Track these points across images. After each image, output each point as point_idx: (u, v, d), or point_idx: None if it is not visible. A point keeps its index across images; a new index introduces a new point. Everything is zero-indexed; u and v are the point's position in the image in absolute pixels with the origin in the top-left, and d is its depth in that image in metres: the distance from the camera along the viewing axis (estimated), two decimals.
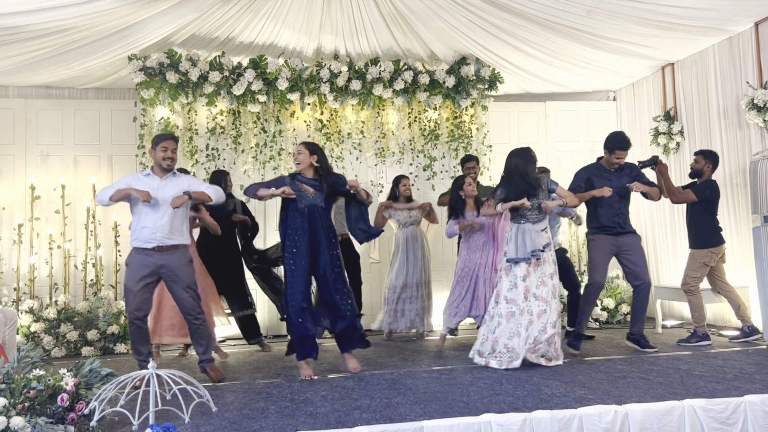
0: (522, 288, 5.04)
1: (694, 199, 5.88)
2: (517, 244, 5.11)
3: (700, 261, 5.92)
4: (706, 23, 6.36)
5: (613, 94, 8.76)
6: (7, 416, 3.09)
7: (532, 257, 5.05)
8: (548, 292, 5.04)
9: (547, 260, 5.12)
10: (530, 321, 4.97)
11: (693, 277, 5.94)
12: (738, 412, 3.55)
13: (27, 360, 3.65)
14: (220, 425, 3.49)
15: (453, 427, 3.29)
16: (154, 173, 4.78)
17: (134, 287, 4.65)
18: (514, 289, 5.06)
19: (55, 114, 7.27)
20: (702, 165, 6.00)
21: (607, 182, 5.55)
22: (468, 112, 7.79)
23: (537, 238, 5.10)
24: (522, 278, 5.05)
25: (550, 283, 5.07)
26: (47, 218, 6.97)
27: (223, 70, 6.97)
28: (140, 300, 4.67)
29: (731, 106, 6.73)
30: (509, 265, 5.13)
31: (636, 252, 5.55)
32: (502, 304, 5.08)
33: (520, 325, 4.97)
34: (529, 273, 5.06)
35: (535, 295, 5.02)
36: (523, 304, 5.01)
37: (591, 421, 3.43)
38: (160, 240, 4.64)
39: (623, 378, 4.43)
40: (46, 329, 6.41)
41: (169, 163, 4.75)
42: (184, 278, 4.74)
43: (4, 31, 5.62)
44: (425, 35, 6.95)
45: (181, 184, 4.76)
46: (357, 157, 7.62)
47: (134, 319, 4.67)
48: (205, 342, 4.84)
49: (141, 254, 4.66)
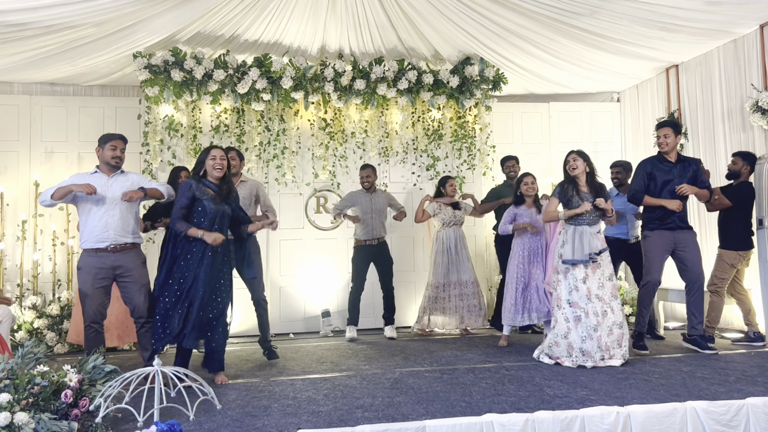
0: (584, 290, 5.07)
1: (729, 204, 5.87)
2: (574, 247, 5.13)
3: (729, 262, 5.91)
4: (712, 25, 6.36)
5: (617, 96, 8.76)
6: (11, 412, 3.10)
7: (590, 260, 5.06)
8: (608, 294, 5.07)
9: (604, 262, 5.14)
10: (597, 322, 4.99)
11: (721, 278, 5.93)
12: (740, 415, 3.55)
13: (31, 356, 3.67)
14: (223, 423, 3.50)
15: (455, 426, 3.30)
16: (101, 171, 4.77)
17: (90, 291, 4.58)
18: (575, 292, 5.09)
19: (59, 111, 7.29)
20: (740, 166, 5.98)
21: (667, 174, 5.50)
22: (472, 113, 7.79)
23: (593, 240, 5.12)
24: (582, 280, 5.09)
25: (608, 285, 5.10)
26: (51, 215, 6.98)
27: (227, 69, 6.97)
28: (98, 304, 4.63)
29: (735, 109, 6.73)
30: (567, 267, 5.15)
31: (692, 249, 5.47)
32: (567, 308, 5.09)
33: (590, 327, 5.00)
34: (588, 275, 5.09)
35: (597, 296, 5.04)
36: (587, 306, 5.03)
37: (593, 422, 3.43)
38: (113, 239, 4.60)
39: (625, 379, 4.43)
40: (49, 325, 6.43)
41: (117, 161, 4.75)
42: (139, 279, 4.71)
43: (10, 28, 5.64)
44: (430, 35, 6.95)
45: (129, 182, 4.76)
46: (360, 156, 7.63)
47: (92, 322, 4.62)
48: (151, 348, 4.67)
49: (93, 256, 4.61)
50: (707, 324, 5.88)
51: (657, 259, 5.50)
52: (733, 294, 6.09)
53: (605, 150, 8.40)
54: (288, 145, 7.37)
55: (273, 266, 7.23)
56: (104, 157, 4.73)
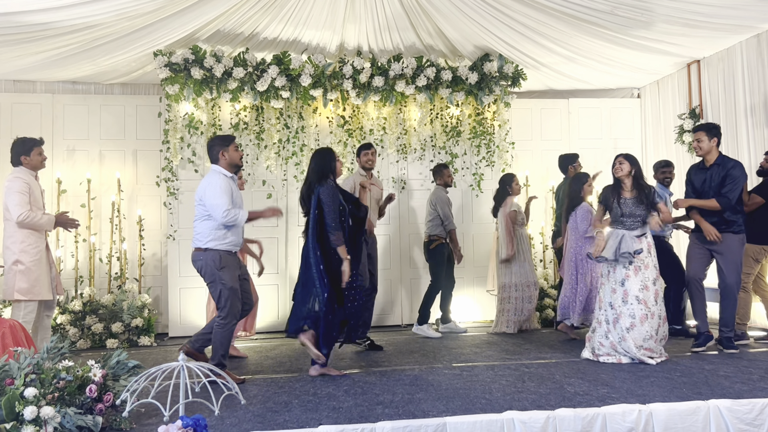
0: (621, 292, 5.06)
1: (762, 202, 5.82)
2: (608, 245, 5.13)
3: (753, 257, 5.85)
4: (734, 21, 6.28)
5: (637, 92, 8.68)
6: (37, 406, 3.15)
7: (621, 260, 5.04)
8: (650, 297, 5.03)
9: (648, 265, 5.11)
10: (632, 324, 4.98)
11: (746, 273, 5.87)
12: (764, 414, 3.52)
13: (55, 351, 3.72)
14: (245, 418, 3.53)
15: (476, 423, 3.30)
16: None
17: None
18: (613, 294, 5.10)
19: (81, 109, 7.36)
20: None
21: (701, 180, 5.48)
22: (490, 109, 7.77)
23: (631, 242, 5.08)
24: (621, 282, 5.08)
25: (652, 289, 5.06)
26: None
27: (246, 66, 7.01)
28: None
29: (759, 104, 6.64)
30: (609, 270, 5.17)
31: (726, 254, 5.38)
32: (608, 310, 5.12)
33: (623, 328, 5.00)
34: (628, 276, 5.07)
35: (637, 299, 5.01)
36: (623, 308, 5.02)
37: (615, 420, 3.42)
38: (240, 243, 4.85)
39: (647, 377, 4.40)
40: (72, 321, 6.51)
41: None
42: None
43: (33, 27, 5.71)
44: (448, 31, 6.94)
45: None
46: (379, 153, 7.60)
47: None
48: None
49: (233, 256, 4.74)
50: (738, 321, 5.84)
51: (695, 257, 5.51)
52: (756, 291, 6.03)
53: (625, 147, 8.31)
54: (307, 143, 7.39)
55: (292, 262, 7.26)
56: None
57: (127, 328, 6.58)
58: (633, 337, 4.95)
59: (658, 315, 5.02)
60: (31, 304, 4.97)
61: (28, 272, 4.94)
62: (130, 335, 6.59)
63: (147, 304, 6.77)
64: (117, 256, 7.14)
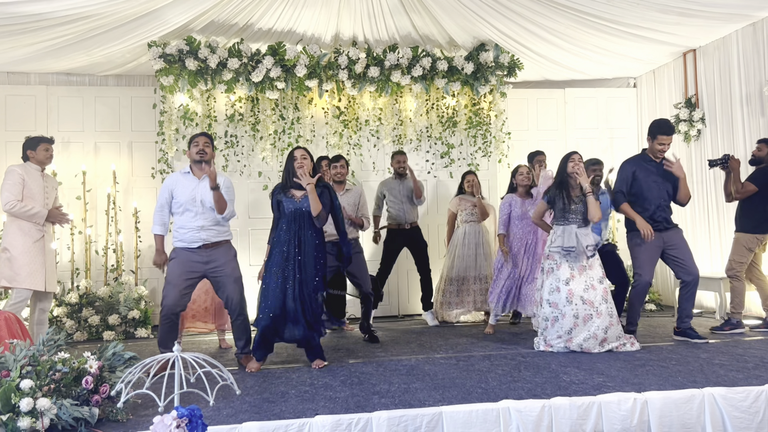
0: (565, 291, 5.01)
1: (755, 190, 5.80)
2: (564, 240, 5.07)
3: (746, 246, 5.86)
4: (730, 9, 6.27)
5: (633, 81, 8.67)
6: (33, 398, 3.15)
7: (582, 254, 5.02)
8: (597, 296, 5.00)
9: (593, 265, 5.09)
10: (575, 324, 4.96)
11: (739, 262, 5.89)
12: (759, 401, 3.53)
13: (52, 343, 3.72)
14: (241, 408, 3.54)
15: (472, 413, 3.30)
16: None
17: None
18: (556, 292, 5.06)
19: (75, 101, 7.34)
20: (765, 153, 5.93)
21: (652, 174, 5.42)
22: (486, 99, 7.75)
23: (584, 238, 5.05)
24: (565, 281, 5.03)
25: (599, 288, 5.03)
26: (69, 204, 7.04)
27: (241, 57, 6.98)
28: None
29: (754, 93, 6.64)
30: (551, 267, 5.13)
31: (683, 247, 5.39)
32: (547, 308, 5.09)
33: (562, 328, 4.99)
34: (573, 276, 5.03)
35: (582, 299, 4.98)
36: (565, 308, 4.99)
37: (610, 408, 3.42)
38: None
39: (642, 366, 4.41)
40: (69, 313, 6.51)
41: (201, 155, 4.81)
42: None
43: (26, 18, 5.68)
44: (444, 21, 6.91)
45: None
46: (374, 144, 7.62)
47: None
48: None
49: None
50: (733, 309, 5.86)
51: (647, 260, 5.40)
52: (751, 279, 6.05)
53: (621, 136, 8.36)
54: (302, 134, 7.37)
55: None
56: (190, 155, 4.85)
57: (124, 320, 6.58)
58: (568, 339, 4.97)
59: (608, 314, 4.98)
60: (21, 293, 5.10)
61: (13, 260, 5.11)
62: (126, 327, 6.59)
63: (143, 296, 6.78)
64: (113, 248, 7.13)
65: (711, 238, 7.31)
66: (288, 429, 3.13)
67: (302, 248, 4.63)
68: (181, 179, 4.79)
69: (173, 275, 4.67)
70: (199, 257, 4.70)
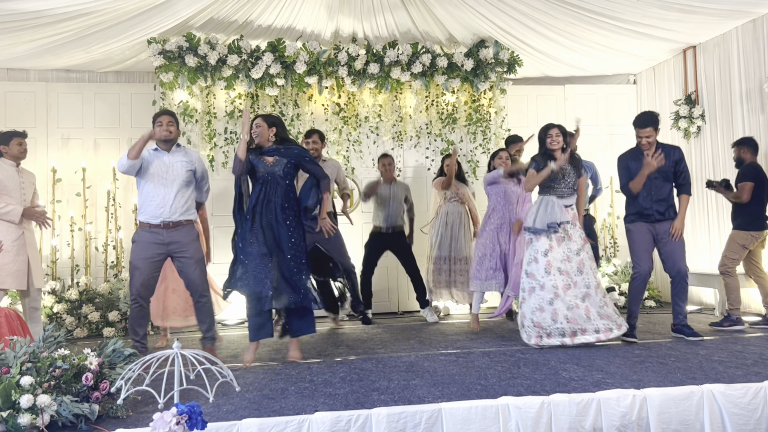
0: (543, 262, 5.01)
1: (752, 184, 5.79)
2: (537, 215, 5.09)
3: (740, 243, 5.87)
4: (730, 6, 6.27)
5: (633, 78, 8.67)
6: (33, 394, 3.16)
7: (549, 230, 5.02)
8: (573, 268, 5.01)
9: (573, 236, 5.09)
10: (555, 295, 4.96)
11: (731, 259, 5.90)
12: (758, 398, 3.53)
13: (52, 339, 3.73)
14: (241, 405, 3.54)
15: (471, 409, 3.31)
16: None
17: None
18: (533, 263, 5.06)
19: (75, 97, 7.33)
20: (740, 152, 5.96)
21: (642, 164, 5.36)
22: (486, 96, 7.75)
23: (559, 211, 5.06)
24: (543, 252, 5.03)
25: (575, 259, 5.04)
26: (68, 201, 7.05)
27: (241, 54, 6.97)
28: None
29: (754, 90, 6.64)
30: (530, 238, 5.13)
31: (672, 241, 5.32)
32: (524, 279, 5.09)
33: (543, 299, 4.98)
34: (552, 247, 5.03)
35: (559, 270, 4.99)
36: (544, 279, 4.99)
37: (609, 404, 3.43)
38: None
39: (641, 362, 4.42)
40: (68, 310, 6.52)
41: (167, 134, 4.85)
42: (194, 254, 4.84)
43: (26, 15, 5.67)
44: (444, 18, 6.91)
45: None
46: (374, 141, 7.62)
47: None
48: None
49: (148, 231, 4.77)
50: (730, 306, 5.86)
51: (643, 250, 5.35)
52: (751, 276, 6.05)
53: (621, 133, 8.33)
54: (302, 130, 7.36)
55: None
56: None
57: (124, 316, 6.58)
58: (552, 310, 4.94)
59: (584, 285, 4.99)
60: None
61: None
62: (126, 324, 6.59)
63: None
64: (113, 245, 7.13)
65: (711, 235, 7.32)
66: (287, 425, 3.14)
67: (275, 212, 4.64)
68: (151, 153, 4.79)
69: (137, 259, 4.72)
70: (161, 238, 4.71)
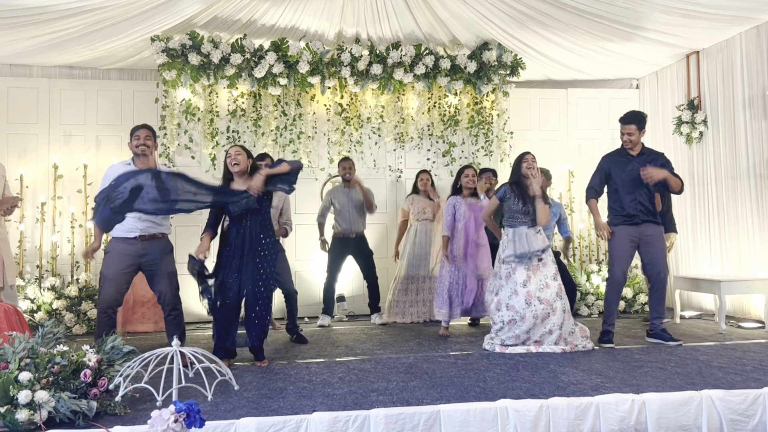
0: (523, 294, 5.06)
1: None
2: (516, 245, 5.12)
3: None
4: (734, 12, 6.25)
5: (636, 82, 8.66)
6: (31, 390, 3.16)
7: (534, 257, 5.06)
8: (552, 294, 5.06)
9: (547, 262, 5.14)
10: (534, 324, 5.02)
11: None
12: (757, 404, 3.53)
13: (50, 336, 3.73)
14: (239, 404, 3.54)
15: (469, 411, 3.31)
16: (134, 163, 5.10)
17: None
18: (514, 296, 5.09)
19: (78, 94, 7.32)
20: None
21: (625, 167, 5.37)
22: (489, 98, 7.75)
23: (534, 240, 5.11)
24: (522, 284, 5.07)
25: (553, 285, 5.09)
26: (69, 197, 7.05)
27: (244, 53, 6.97)
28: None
29: (757, 96, 6.63)
30: (508, 271, 5.15)
31: (654, 243, 5.31)
32: (504, 311, 5.12)
33: (521, 329, 5.04)
34: (530, 278, 5.08)
35: (539, 299, 5.04)
36: (525, 311, 5.03)
37: (608, 409, 3.43)
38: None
39: (640, 367, 4.42)
40: (68, 306, 6.52)
41: (142, 149, 4.85)
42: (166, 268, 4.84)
43: (29, 11, 5.67)
44: (447, 20, 6.91)
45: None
46: (376, 141, 7.62)
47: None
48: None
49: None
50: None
51: (622, 255, 5.35)
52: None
53: None
54: (304, 130, 7.37)
55: (289, 251, 7.24)
56: (131, 147, 4.90)
57: None
58: (526, 337, 5.04)
59: (561, 309, 5.03)
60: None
61: None
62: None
63: None
64: None
65: (711, 239, 7.31)
66: (285, 425, 3.13)
67: (249, 243, 4.60)
68: (123, 170, 4.67)
69: (110, 270, 4.67)
70: (135, 249, 4.68)
